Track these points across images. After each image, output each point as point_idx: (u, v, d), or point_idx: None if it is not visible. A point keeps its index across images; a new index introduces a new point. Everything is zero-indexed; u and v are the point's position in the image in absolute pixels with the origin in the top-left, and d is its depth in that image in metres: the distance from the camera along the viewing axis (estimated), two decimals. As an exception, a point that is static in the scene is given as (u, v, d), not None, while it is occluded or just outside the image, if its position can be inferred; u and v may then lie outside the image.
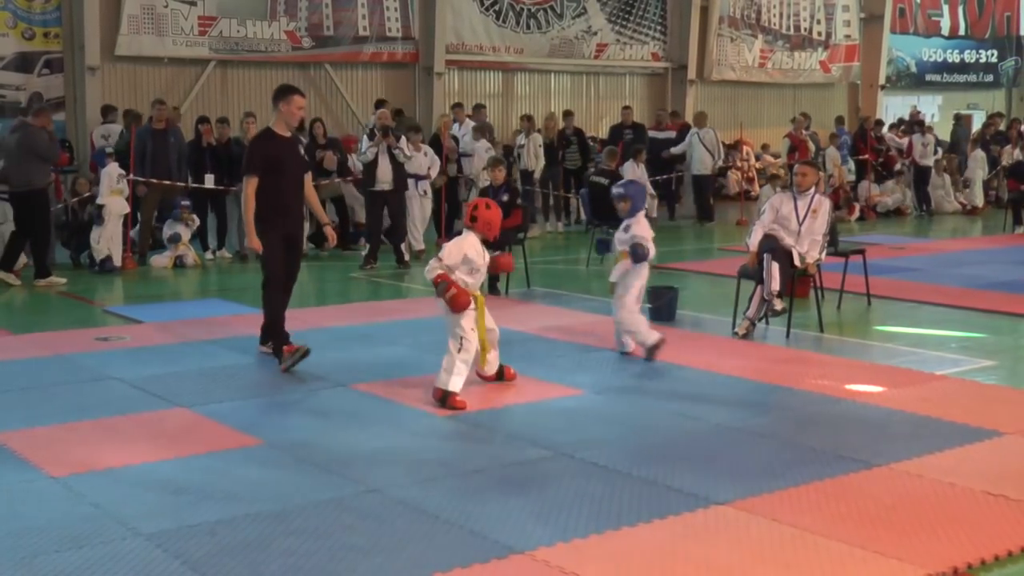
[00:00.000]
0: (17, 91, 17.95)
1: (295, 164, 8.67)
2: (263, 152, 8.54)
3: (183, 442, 6.46)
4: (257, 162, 8.51)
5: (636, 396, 7.57)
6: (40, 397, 7.56)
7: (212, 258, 15.00)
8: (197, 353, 8.98)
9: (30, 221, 12.79)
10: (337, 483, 5.71)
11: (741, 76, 26.05)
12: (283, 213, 8.59)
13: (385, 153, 13.87)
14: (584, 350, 9.09)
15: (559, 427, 6.77)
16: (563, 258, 15.23)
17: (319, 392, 7.71)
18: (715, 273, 13.17)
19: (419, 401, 7.37)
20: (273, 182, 8.48)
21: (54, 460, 6.07)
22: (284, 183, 8.56)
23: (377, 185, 14.00)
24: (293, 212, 8.75)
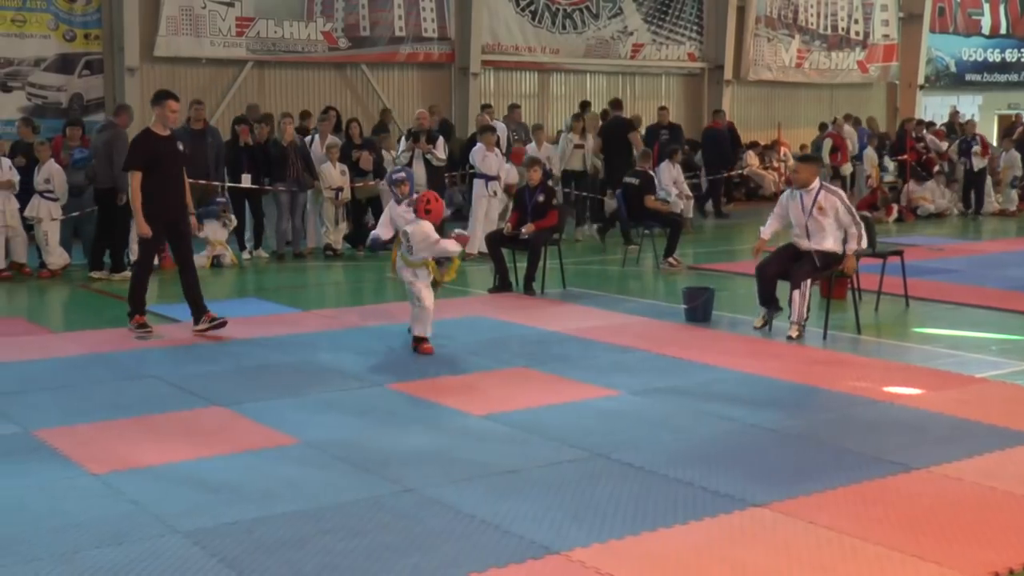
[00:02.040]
0: (58, 92, 18.15)
1: (173, 160, 9.78)
2: (143, 150, 9.68)
3: (220, 440, 6.51)
4: (139, 159, 9.65)
5: (672, 397, 7.55)
6: (80, 395, 7.63)
7: (249, 257, 15.07)
8: (234, 352, 9.03)
9: (111, 219, 13.00)
10: (373, 482, 5.73)
11: (778, 76, 25.93)
12: (163, 203, 9.67)
13: (420, 157, 13.90)
14: (621, 351, 9.07)
15: (595, 428, 6.76)
16: (599, 259, 15.21)
17: (355, 391, 7.74)
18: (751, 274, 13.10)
19: (455, 401, 7.39)
20: (153, 176, 9.58)
21: (94, 457, 6.13)
22: (163, 177, 9.66)
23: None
24: (171, 201, 9.77)
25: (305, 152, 15.21)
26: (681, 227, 14.51)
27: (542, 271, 12.00)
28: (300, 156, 15.00)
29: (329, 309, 11.25)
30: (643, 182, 14.30)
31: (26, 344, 9.42)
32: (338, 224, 15.34)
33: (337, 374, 8.25)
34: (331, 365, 8.55)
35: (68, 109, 17.97)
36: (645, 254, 14.65)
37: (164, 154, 9.67)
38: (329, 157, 15.21)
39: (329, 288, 13.29)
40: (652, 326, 10.16)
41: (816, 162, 10.30)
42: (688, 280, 12.41)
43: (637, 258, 14.50)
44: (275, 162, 14.91)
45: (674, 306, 10.86)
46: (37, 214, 13.52)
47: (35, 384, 7.96)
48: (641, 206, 14.16)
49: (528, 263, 12.00)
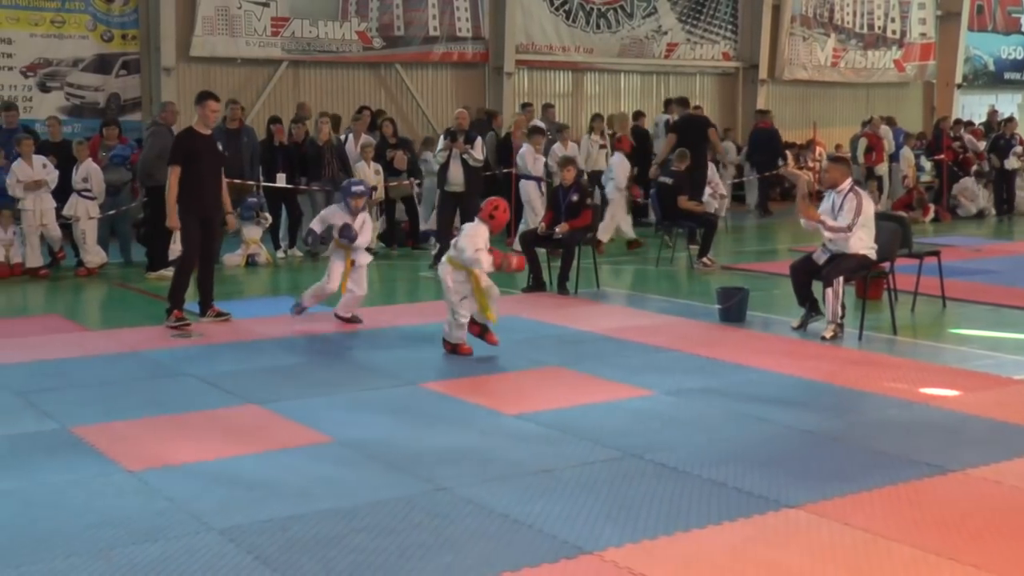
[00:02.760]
0: (96, 92, 18.30)
1: (211, 158, 10.20)
2: (184, 146, 10.11)
3: (255, 438, 6.55)
4: (178, 154, 10.07)
5: (706, 397, 7.52)
6: (117, 392, 7.70)
7: (283, 256, 15.15)
8: (269, 350, 9.08)
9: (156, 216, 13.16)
10: (406, 481, 5.75)
11: (813, 76, 25.78)
12: (198, 198, 10.05)
13: (457, 157, 13.91)
14: (654, 351, 9.05)
15: (628, 428, 6.75)
16: (632, 258, 15.19)
17: (389, 390, 7.77)
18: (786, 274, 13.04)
19: (488, 400, 7.40)
20: (191, 172, 9.98)
21: (130, 454, 6.19)
22: (200, 173, 10.06)
23: (449, 186, 14.05)
24: (207, 197, 10.15)
25: (341, 151, 15.28)
26: (715, 227, 14.47)
27: (575, 271, 12.00)
28: (336, 155, 15.07)
29: (362, 308, 11.28)
30: (677, 182, 14.26)
31: (64, 342, 9.52)
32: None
33: (371, 373, 8.28)
34: (365, 364, 8.58)
35: (105, 109, 18.12)
36: (679, 254, 14.60)
37: (203, 152, 10.06)
38: (363, 156, 15.27)
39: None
40: (686, 326, 10.13)
41: (846, 163, 10.24)
42: (722, 280, 12.36)
43: (671, 258, 14.46)
44: (311, 161, 14.99)
45: (708, 306, 10.83)
46: (75, 213, 13.65)
47: (73, 381, 8.04)
48: (675, 206, 14.13)
49: (562, 263, 12.00)
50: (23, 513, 5.29)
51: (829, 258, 9.57)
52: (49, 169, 13.52)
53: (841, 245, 9.50)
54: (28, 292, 12.70)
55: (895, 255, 10.10)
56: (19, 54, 17.64)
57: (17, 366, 8.52)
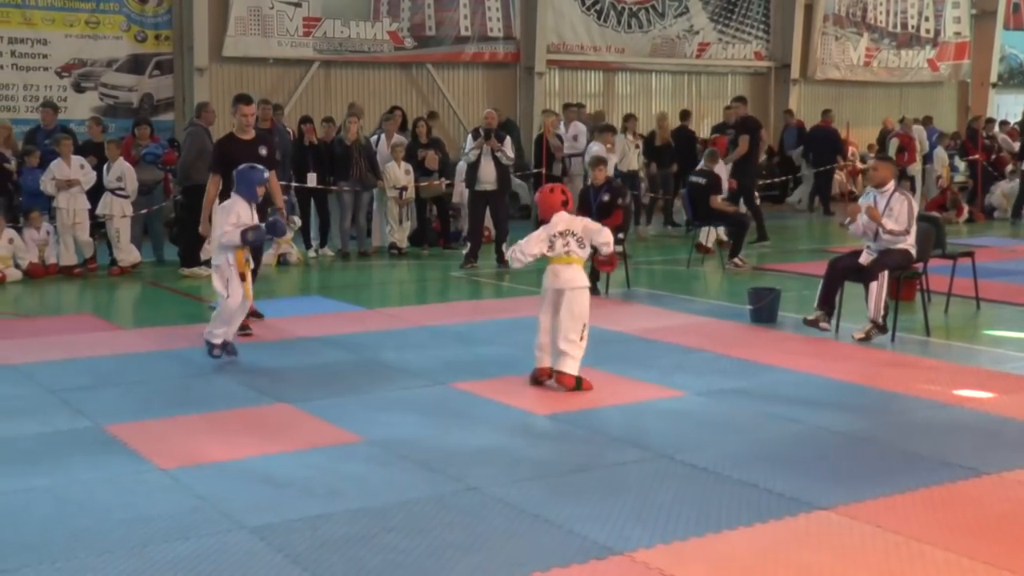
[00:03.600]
0: (130, 92, 18.42)
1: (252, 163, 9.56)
2: (220, 153, 9.95)
3: (286, 437, 6.58)
4: (216, 162, 9.96)
5: (737, 398, 7.49)
6: (150, 391, 7.75)
7: (314, 256, 15.20)
8: (299, 350, 9.12)
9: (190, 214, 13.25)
10: (436, 481, 5.75)
11: (846, 75, 25.61)
12: None
13: (488, 155, 13.92)
14: (685, 351, 9.03)
15: (659, 428, 6.74)
16: (664, 259, 15.15)
17: (419, 390, 7.78)
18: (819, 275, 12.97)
19: (519, 400, 7.40)
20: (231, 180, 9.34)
21: (163, 452, 6.23)
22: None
23: (479, 185, 14.07)
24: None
25: (369, 151, 15.31)
26: (746, 227, 14.41)
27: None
28: (364, 155, 15.09)
29: (393, 308, 11.32)
30: (709, 182, 14.20)
31: (97, 341, 9.59)
32: (402, 223, 15.44)
33: (401, 372, 8.30)
34: (395, 363, 8.60)
35: (138, 109, 18.23)
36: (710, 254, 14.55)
37: (242, 158, 9.53)
38: (394, 156, 15.30)
39: (393, 286, 13.36)
40: (717, 327, 10.10)
41: (893, 162, 10.18)
42: (753, 280, 12.31)
43: (702, 258, 14.41)
44: (339, 161, 15.02)
45: (739, 307, 10.79)
46: (109, 211, 13.75)
47: (107, 380, 8.10)
48: (707, 206, 14.08)
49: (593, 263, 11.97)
50: (57, 510, 5.33)
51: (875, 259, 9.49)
52: (87, 170, 13.62)
53: (887, 244, 9.42)
54: (62, 291, 12.81)
55: (928, 256, 10.03)
56: (54, 54, 17.78)
57: (51, 364, 8.60)
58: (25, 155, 14.21)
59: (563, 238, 7.84)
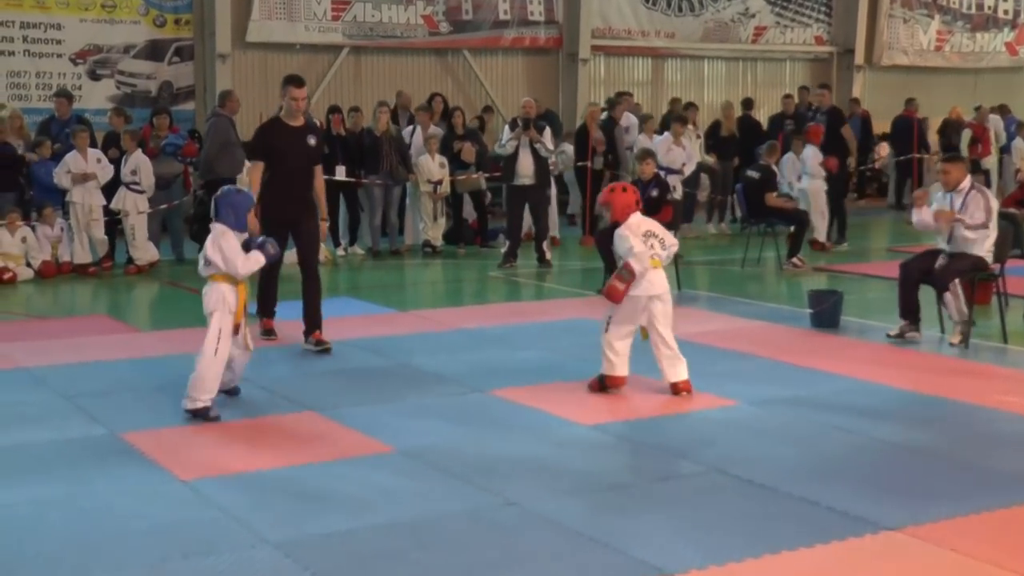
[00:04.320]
0: (148, 80, 18.55)
1: (299, 153, 9.30)
2: (264, 138, 9.40)
3: (312, 447, 6.60)
4: (258, 148, 9.43)
5: (796, 408, 7.45)
6: (167, 397, 7.78)
7: (343, 254, 15.25)
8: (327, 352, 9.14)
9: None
10: (472, 494, 5.76)
11: (915, 61, 25.41)
12: (282, 201, 9.20)
13: (527, 146, 13.93)
14: (739, 358, 8.99)
15: (711, 440, 6.71)
16: (717, 258, 15.10)
17: (454, 397, 7.79)
18: (883, 276, 12.89)
19: (561, 409, 7.39)
20: (275, 169, 9.23)
21: (182, 462, 6.27)
22: (286, 171, 9.25)
23: (517, 179, 14.07)
24: (294, 199, 9.32)
25: (400, 143, 15.33)
26: (805, 225, 14.34)
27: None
28: (394, 147, 15.12)
29: (427, 309, 11.34)
30: (764, 177, 14.14)
31: (112, 343, 9.67)
32: (437, 219, 15.46)
33: (436, 378, 8.31)
34: (429, 369, 8.61)
35: (157, 97, 18.37)
36: (766, 254, 14.49)
37: (288, 146, 9.24)
38: (428, 148, 15.32)
39: (427, 287, 13.40)
40: (774, 331, 10.05)
41: (965, 161, 10.09)
42: (813, 282, 12.24)
43: (758, 258, 14.35)
44: (368, 153, 15.05)
45: (798, 310, 10.72)
46: (123, 207, 13.86)
47: (122, 385, 8.17)
48: (762, 202, 14.02)
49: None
50: (71, 522, 5.38)
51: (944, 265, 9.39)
52: (103, 164, 13.72)
53: (962, 246, 9.32)
54: (76, 291, 12.93)
55: (1006, 256, 9.92)
56: (68, 40, 17.94)
57: (64, 368, 8.68)
58: (36, 146, 14.34)
59: (648, 240, 7.79)
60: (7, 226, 13.24)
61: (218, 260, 7.24)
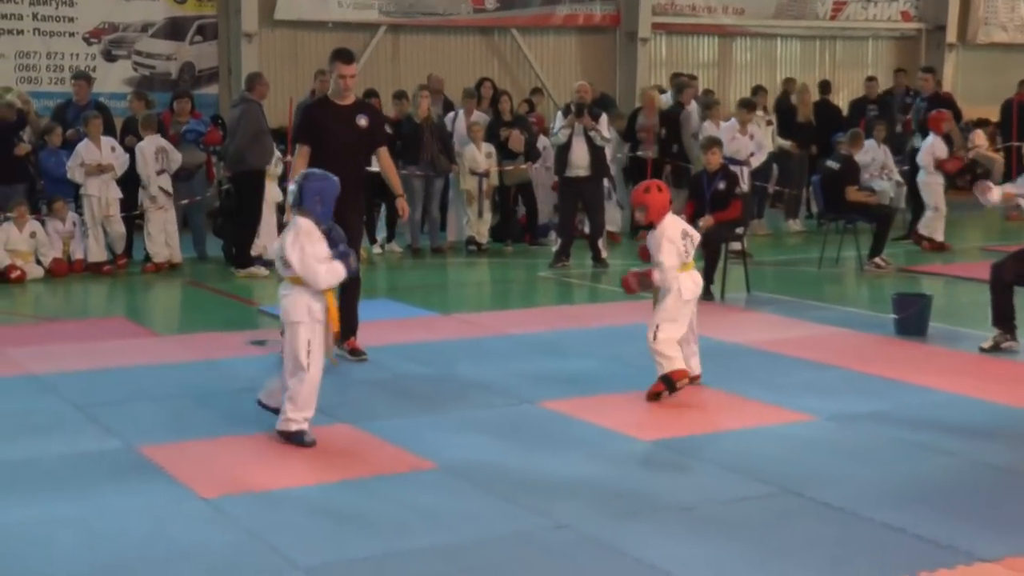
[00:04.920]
0: (168, 61, 18.67)
1: (349, 137, 9.13)
2: (311, 119, 9.27)
3: (346, 463, 6.63)
4: (304, 131, 9.21)
5: (879, 424, 7.41)
6: (188, 407, 7.86)
7: (380, 252, 15.30)
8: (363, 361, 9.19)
9: (252, 206, 13.40)
10: (520, 515, 5.76)
11: (1015, 38, 25.13)
12: None
13: (580, 135, 13.93)
14: (816, 368, 8.95)
15: (784, 459, 6.68)
16: (791, 258, 15.02)
17: (501, 409, 7.80)
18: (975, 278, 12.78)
19: (617, 422, 7.39)
20: (323, 155, 8.88)
21: (204, 479, 6.31)
22: (335, 157, 8.83)
23: (570, 171, 14.07)
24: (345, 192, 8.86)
25: (442, 130, 15.37)
26: (890, 221, 14.24)
27: (722, 272, 11.91)
28: (436, 135, 15.15)
29: (471, 313, 11.36)
30: (845, 168, 14.04)
31: (129, 348, 9.76)
32: (482, 215, 15.45)
33: (481, 389, 8.32)
34: (474, 378, 8.63)
35: (178, 80, 18.49)
36: (846, 253, 14.40)
37: (338, 127, 9.12)
38: (472, 137, 15.33)
39: (471, 288, 13.42)
40: (854, 339, 10.00)
41: None
42: (899, 285, 12.15)
43: (836, 258, 14.27)
44: (407, 142, 15.08)
45: (881, 316, 10.66)
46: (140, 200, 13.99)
47: (140, 394, 8.24)
48: (842, 196, 13.93)
49: (705, 263, 11.91)
50: (84, 543, 5.43)
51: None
52: (118, 153, 13.84)
53: None
54: (90, 291, 13.06)
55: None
56: (82, 18, 18.09)
57: (77, 375, 8.76)
58: (45, 133, 14.43)
59: (684, 240, 8.05)
60: (15, 220, 13.38)
61: (296, 263, 6.83)
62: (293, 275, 6.89)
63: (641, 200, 8.14)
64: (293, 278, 6.91)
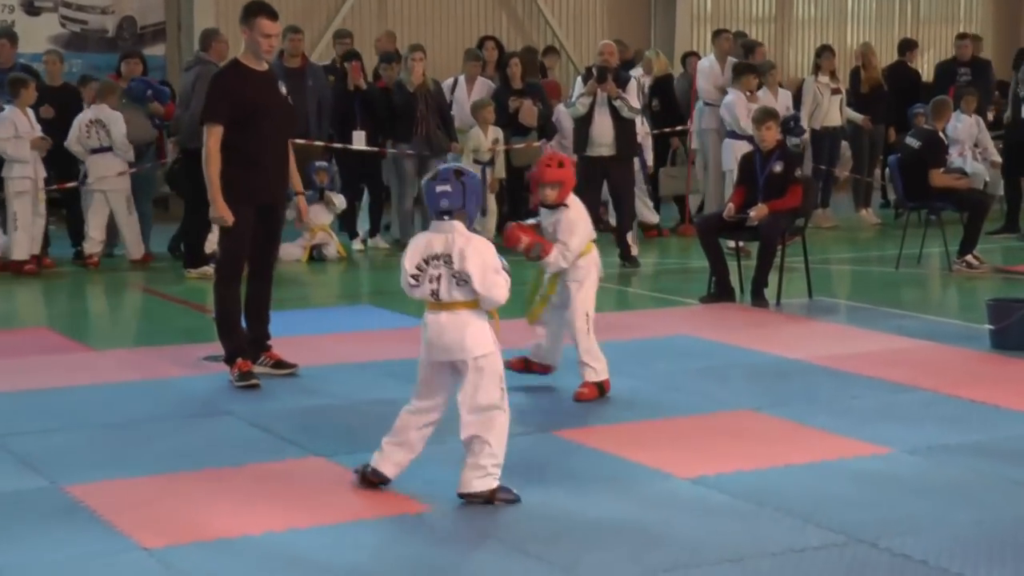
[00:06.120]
0: (103, 15, 18.67)
1: (273, 110, 9.19)
2: (227, 91, 9.13)
3: (320, 505, 6.61)
4: (220, 106, 9.09)
5: (971, 459, 7.38)
6: (129, 437, 7.85)
7: (362, 249, 15.32)
8: (341, 380, 9.21)
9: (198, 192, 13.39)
10: (534, 569, 5.75)
11: None
12: (257, 176, 9.12)
13: (604, 105, 13.91)
14: (893, 389, 8.94)
15: (854, 500, 6.67)
16: (862, 256, 15.01)
17: (510, 440, 7.76)
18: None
19: (653, 457, 7.37)
20: (244, 133, 9.00)
21: (147, 525, 6.28)
22: (259, 135, 9.05)
23: (592, 149, 14.05)
24: (271, 173, 9.24)
25: (440, 101, 15.35)
26: (986, 211, 14.20)
27: (778, 273, 11.88)
28: (433, 107, 15.13)
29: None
30: (927, 146, 13.99)
31: (56, 365, 9.77)
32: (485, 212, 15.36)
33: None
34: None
35: (116, 39, 18.45)
36: (930, 250, 14.40)
37: (260, 100, 9.15)
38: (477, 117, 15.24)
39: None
40: (939, 354, 10.02)
41: None
42: (994, 289, 12.12)
43: (918, 255, 14.26)
44: (399, 115, 15.07)
45: (973, 326, 10.66)
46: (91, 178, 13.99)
47: (68, 421, 8.23)
48: (924, 181, 13.89)
49: (759, 261, 11.90)
50: (0, 603, 5.42)
51: None
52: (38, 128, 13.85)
53: None
54: (14, 295, 13.05)
55: None
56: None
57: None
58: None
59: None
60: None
61: (481, 278, 6.61)
62: (466, 298, 6.71)
63: (557, 176, 8.55)
64: (466, 303, 6.73)
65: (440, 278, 6.65)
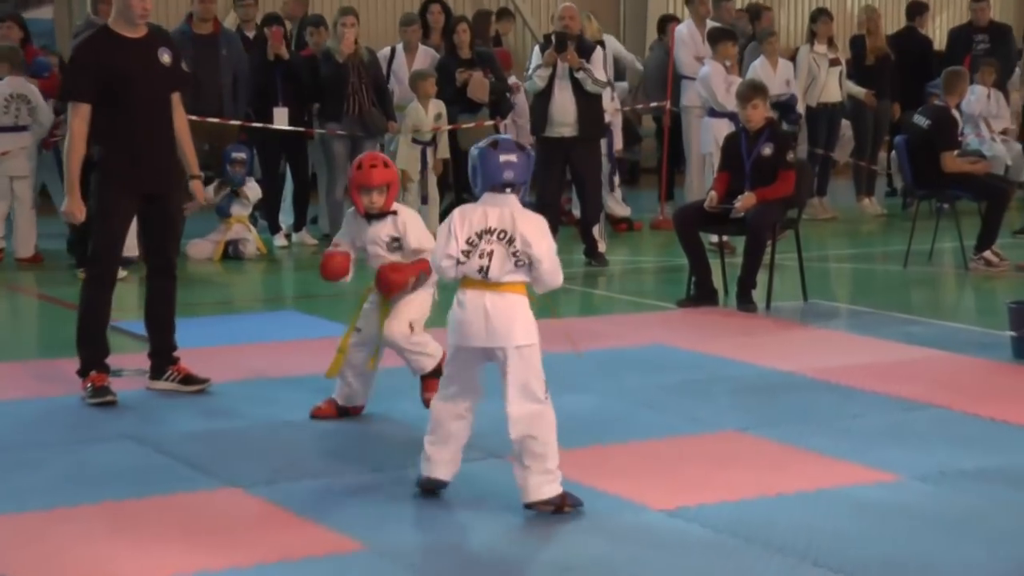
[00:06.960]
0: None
1: (151, 82, 9.13)
2: (92, 63, 9.06)
3: (238, 543, 6.59)
4: (84, 81, 9.03)
5: (987, 486, 7.44)
6: (12, 465, 7.81)
7: (285, 245, 15.31)
8: (257, 397, 9.21)
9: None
10: (489, 617, 5.78)
11: None
12: (135, 160, 9.08)
13: (565, 78, 13.92)
14: (899, 406, 8.99)
15: (855, 534, 6.70)
16: (866, 251, 15.09)
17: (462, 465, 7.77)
18: None
19: (624, 486, 7.40)
20: (115, 111, 8.96)
21: (34, 568, 6.25)
22: (133, 113, 9.01)
23: (551, 129, 14.06)
24: (153, 157, 9.19)
25: (376, 73, 15.34)
26: (1006, 200, 14.26)
27: (768, 272, 11.92)
28: (367, 81, 15.11)
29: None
30: (938, 125, 14.04)
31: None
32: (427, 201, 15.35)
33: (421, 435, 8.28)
34: (419, 422, 8.57)
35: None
36: (943, 245, 14.48)
37: (133, 72, 9.05)
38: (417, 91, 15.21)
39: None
40: (954, 366, 10.10)
41: None
42: (1016, 290, 12.20)
43: (929, 251, 14.34)
44: (327, 89, 15.06)
45: (993, 332, 10.73)
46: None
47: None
48: (936, 165, 13.95)
49: (745, 259, 11.94)
50: None
51: None
52: None
53: None
54: None
55: None
56: None
57: None
58: None
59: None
60: None
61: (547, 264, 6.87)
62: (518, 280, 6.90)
63: (385, 177, 8.58)
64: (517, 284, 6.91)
65: (492, 254, 6.75)
